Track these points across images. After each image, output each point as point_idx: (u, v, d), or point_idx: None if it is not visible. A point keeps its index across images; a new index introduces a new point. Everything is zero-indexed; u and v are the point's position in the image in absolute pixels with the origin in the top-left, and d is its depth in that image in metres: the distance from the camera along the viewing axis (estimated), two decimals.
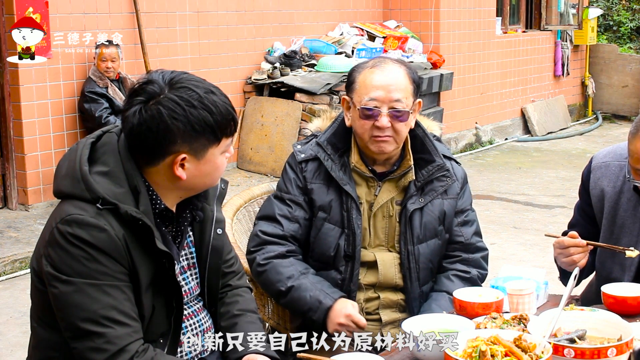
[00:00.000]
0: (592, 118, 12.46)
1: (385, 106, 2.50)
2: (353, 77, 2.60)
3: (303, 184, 2.64)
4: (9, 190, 6.46)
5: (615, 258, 2.60)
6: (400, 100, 2.49)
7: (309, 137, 2.75)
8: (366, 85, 2.53)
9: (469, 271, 2.66)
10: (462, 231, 2.68)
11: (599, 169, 2.68)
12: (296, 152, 2.70)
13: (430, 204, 2.61)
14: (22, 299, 4.88)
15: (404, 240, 2.60)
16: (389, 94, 2.49)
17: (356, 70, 2.61)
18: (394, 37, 9.01)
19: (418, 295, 2.61)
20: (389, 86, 2.50)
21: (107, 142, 1.97)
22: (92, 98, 6.37)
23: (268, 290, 2.64)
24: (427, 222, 2.60)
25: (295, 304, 2.53)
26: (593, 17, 11.98)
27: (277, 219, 2.62)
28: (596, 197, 2.67)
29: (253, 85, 8.11)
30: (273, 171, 7.80)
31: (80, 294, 1.85)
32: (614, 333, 2.02)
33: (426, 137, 2.65)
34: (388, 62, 2.58)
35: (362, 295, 2.61)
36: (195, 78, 1.97)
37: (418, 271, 2.60)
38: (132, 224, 1.90)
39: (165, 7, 7.35)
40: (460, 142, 9.94)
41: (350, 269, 2.58)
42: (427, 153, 2.63)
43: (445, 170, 2.62)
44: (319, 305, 2.48)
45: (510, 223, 6.77)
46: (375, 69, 2.54)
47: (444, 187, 2.63)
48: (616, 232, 2.62)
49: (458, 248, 2.68)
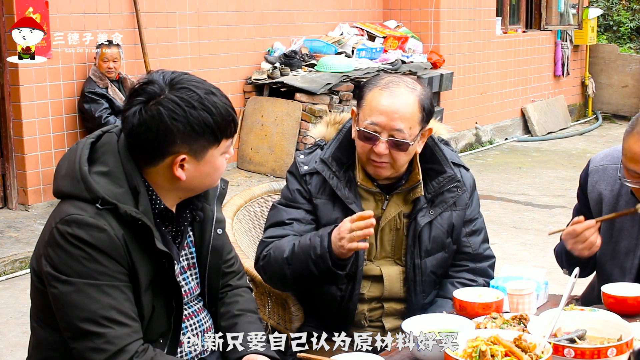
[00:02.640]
0: (592, 118, 12.47)
1: (385, 133, 2.39)
2: (363, 93, 2.47)
3: (308, 196, 2.55)
4: (9, 190, 6.46)
5: (615, 261, 2.59)
6: (401, 131, 2.38)
7: (312, 147, 2.66)
8: (371, 106, 2.41)
9: (475, 280, 2.61)
10: (470, 241, 2.62)
11: (596, 172, 2.67)
12: (299, 163, 2.59)
13: (439, 217, 2.54)
14: (22, 299, 4.88)
15: (411, 254, 2.53)
16: (391, 122, 2.38)
17: (367, 85, 2.48)
18: (394, 37, 9.01)
19: (421, 306, 2.57)
20: (393, 113, 2.38)
21: (107, 142, 1.97)
22: (92, 98, 6.37)
23: (275, 270, 2.48)
24: (435, 235, 2.54)
25: (301, 256, 2.40)
26: (593, 17, 11.98)
27: (287, 222, 2.53)
28: (594, 200, 2.66)
29: (253, 85, 8.11)
30: (273, 171, 7.80)
31: (79, 294, 1.85)
32: (614, 333, 2.02)
33: (436, 146, 2.56)
34: (400, 85, 2.43)
35: (365, 307, 2.57)
36: (195, 79, 1.97)
37: (423, 284, 2.56)
38: (132, 224, 1.89)
39: (165, 7, 7.35)
40: (460, 142, 9.94)
41: (351, 287, 2.52)
42: (438, 163, 2.55)
43: (457, 181, 2.55)
44: (320, 239, 2.36)
45: (510, 223, 6.77)
46: (384, 91, 2.41)
47: (454, 199, 2.56)
48: (615, 235, 2.61)
49: (465, 258, 2.63)
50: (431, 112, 2.47)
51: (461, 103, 9.87)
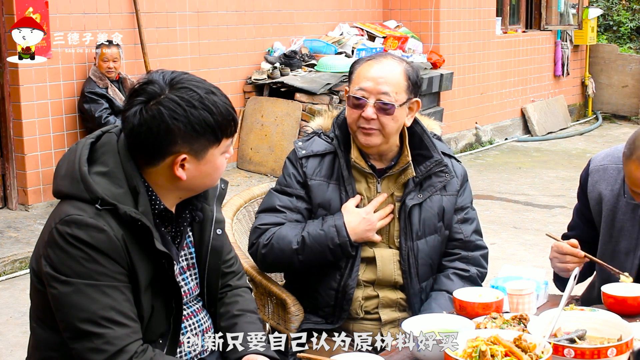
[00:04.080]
0: (592, 118, 12.46)
1: (372, 97, 2.51)
2: (353, 68, 2.62)
3: (303, 179, 2.64)
4: (9, 190, 6.46)
5: (615, 261, 2.59)
6: (387, 94, 2.50)
7: (310, 135, 2.75)
8: (360, 75, 2.56)
9: (468, 269, 2.66)
10: (461, 228, 2.69)
11: (596, 172, 2.68)
12: (297, 148, 2.70)
13: (429, 200, 2.61)
14: (22, 299, 4.88)
15: (404, 236, 2.60)
16: (377, 86, 2.51)
17: (357, 62, 2.63)
18: (394, 37, 9.01)
19: (418, 291, 2.61)
20: (379, 78, 2.51)
21: (107, 143, 1.97)
22: (92, 98, 6.37)
23: (281, 261, 2.59)
24: (426, 217, 2.61)
25: (315, 247, 2.54)
26: (593, 17, 11.98)
27: (279, 209, 2.62)
28: (594, 200, 2.67)
29: (253, 85, 8.11)
30: (273, 171, 7.80)
31: (79, 295, 1.85)
32: (614, 333, 2.02)
33: (425, 134, 2.65)
34: (388, 57, 2.60)
35: (360, 293, 2.60)
36: (195, 78, 1.97)
37: (417, 267, 2.60)
38: (131, 225, 1.89)
39: (165, 7, 7.35)
40: (460, 142, 9.94)
41: (350, 265, 2.58)
42: (426, 149, 2.64)
43: (444, 165, 2.63)
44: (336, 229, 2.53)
45: (510, 223, 6.77)
46: (372, 61, 2.57)
47: (442, 183, 2.63)
48: (615, 235, 2.61)
49: (457, 245, 2.69)
50: (417, 84, 2.59)
51: (461, 103, 9.87)
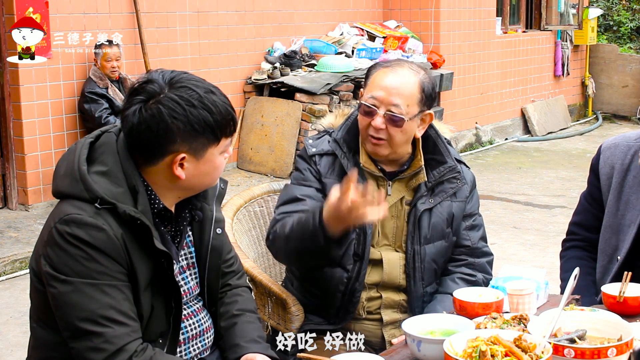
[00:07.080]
0: (592, 118, 12.47)
1: (383, 108, 2.48)
2: (369, 73, 2.58)
3: (318, 175, 2.60)
4: (9, 190, 6.46)
5: (620, 234, 2.65)
6: (398, 106, 2.46)
7: (321, 133, 2.72)
8: (374, 83, 2.52)
9: (474, 275, 2.64)
10: (469, 235, 2.67)
11: (608, 149, 2.78)
12: (308, 146, 2.66)
13: (439, 205, 2.59)
14: (22, 299, 4.88)
15: (411, 240, 2.58)
16: (389, 97, 2.47)
17: (374, 67, 2.59)
18: (394, 37, 9.01)
19: (421, 295, 2.60)
20: (392, 89, 2.47)
21: (106, 142, 1.97)
22: (92, 98, 6.37)
23: (281, 248, 2.52)
24: (435, 223, 2.59)
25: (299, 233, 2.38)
26: (593, 17, 11.98)
27: (300, 198, 2.56)
28: (605, 175, 2.74)
29: (253, 85, 8.11)
30: (273, 171, 7.80)
31: (78, 294, 1.85)
32: (614, 333, 2.02)
33: (439, 138, 2.64)
34: (405, 66, 2.54)
35: (364, 295, 2.59)
36: (195, 78, 1.97)
37: (422, 271, 2.59)
38: (131, 224, 1.89)
39: (165, 7, 7.35)
40: (460, 142, 9.94)
41: (358, 268, 2.55)
42: (439, 154, 2.62)
43: (457, 172, 2.61)
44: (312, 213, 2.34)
45: (510, 223, 6.77)
46: (388, 69, 2.52)
47: (454, 189, 2.61)
48: (621, 208, 2.68)
49: (464, 252, 2.67)
50: (432, 97, 2.54)
51: (461, 103, 9.87)
